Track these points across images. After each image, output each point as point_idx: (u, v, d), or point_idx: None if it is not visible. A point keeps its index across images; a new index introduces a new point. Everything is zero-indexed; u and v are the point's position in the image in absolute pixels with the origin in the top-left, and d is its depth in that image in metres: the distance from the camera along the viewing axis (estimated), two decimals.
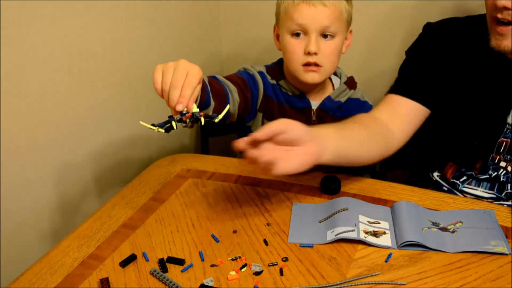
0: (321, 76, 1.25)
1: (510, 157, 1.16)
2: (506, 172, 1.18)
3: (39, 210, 1.20)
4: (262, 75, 1.32)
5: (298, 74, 1.25)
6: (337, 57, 1.27)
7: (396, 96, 1.22)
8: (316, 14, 1.20)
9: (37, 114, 1.15)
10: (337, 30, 1.22)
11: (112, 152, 1.40)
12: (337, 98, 1.32)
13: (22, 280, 0.92)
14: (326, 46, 1.22)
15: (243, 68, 1.34)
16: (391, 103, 1.22)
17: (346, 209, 1.04)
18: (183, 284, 0.90)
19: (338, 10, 1.21)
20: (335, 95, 1.32)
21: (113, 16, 1.32)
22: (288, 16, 1.23)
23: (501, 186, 1.19)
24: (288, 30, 1.23)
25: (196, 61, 1.80)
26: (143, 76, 1.47)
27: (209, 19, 1.77)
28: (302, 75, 1.25)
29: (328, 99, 1.32)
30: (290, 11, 1.22)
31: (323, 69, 1.24)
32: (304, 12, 1.20)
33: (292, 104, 1.32)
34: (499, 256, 0.93)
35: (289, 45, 1.24)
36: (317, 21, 1.20)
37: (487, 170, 1.19)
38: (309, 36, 1.21)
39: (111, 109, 1.37)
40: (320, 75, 1.25)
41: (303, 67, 1.24)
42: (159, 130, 0.80)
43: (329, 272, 0.91)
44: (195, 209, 1.10)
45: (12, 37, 1.05)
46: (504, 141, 1.15)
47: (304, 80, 1.25)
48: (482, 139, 1.18)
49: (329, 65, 1.25)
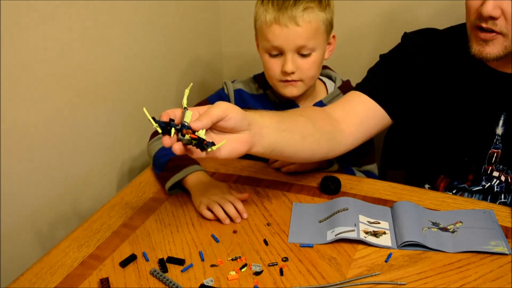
0: (300, 89, 1.24)
1: (503, 167, 1.15)
2: (499, 182, 1.16)
3: (39, 210, 1.20)
4: (239, 93, 1.32)
5: (277, 88, 1.25)
6: (318, 69, 1.24)
7: (356, 93, 1.16)
8: (290, 35, 1.16)
9: (37, 114, 1.15)
10: (315, 46, 1.19)
11: (112, 151, 1.40)
12: (329, 103, 1.29)
13: (22, 280, 0.92)
14: (304, 63, 1.20)
15: (223, 85, 1.34)
16: (349, 100, 1.16)
17: (346, 209, 1.04)
18: (183, 284, 0.90)
19: (314, 26, 1.17)
20: (327, 100, 1.30)
21: (113, 16, 1.32)
22: (263, 36, 1.21)
23: (493, 197, 1.18)
24: (265, 50, 1.22)
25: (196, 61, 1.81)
26: (143, 75, 1.47)
27: (209, 19, 1.76)
28: (281, 89, 1.24)
29: (319, 103, 1.30)
30: (264, 31, 1.19)
31: (302, 83, 1.23)
32: (277, 33, 1.17)
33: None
34: (499, 256, 0.93)
35: (267, 64, 1.23)
36: (291, 42, 1.17)
37: (480, 181, 1.17)
38: (286, 56, 1.19)
39: (111, 109, 1.37)
40: (298, 88, 1.23)
41: (281, 82, 1.23)
42: (156, 128, 0.79)
43: (329, 272, 0.91)
44: (195, 209, 1.10)
45: (12, 37, 1.05)
46: (495, 152, 1.14)
47: (283, 94, 1.25)
48: (472, 151, 1.15)
49: (308, 80, 1.23)
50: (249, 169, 1.24)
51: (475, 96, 1.13)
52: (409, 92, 1.16)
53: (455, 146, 1.17)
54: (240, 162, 1.27)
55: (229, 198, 1.09)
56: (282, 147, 0.96)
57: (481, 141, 1.14)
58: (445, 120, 1.16)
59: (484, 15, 0.99)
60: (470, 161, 1.16)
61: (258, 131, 0.90)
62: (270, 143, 0.93)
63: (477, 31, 1.04)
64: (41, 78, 1.14)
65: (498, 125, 1.12)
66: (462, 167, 1.18)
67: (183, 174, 1.13)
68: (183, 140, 0.79)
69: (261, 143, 0.91)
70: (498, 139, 1.13)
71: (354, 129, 1.12)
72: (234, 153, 0.86)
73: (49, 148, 1.20)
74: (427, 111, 1.17)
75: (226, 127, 0.84)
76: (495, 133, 1.13)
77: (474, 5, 1.03)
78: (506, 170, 1.15)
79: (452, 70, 1.14)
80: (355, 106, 1.14)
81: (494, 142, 1.13)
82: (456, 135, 1.16)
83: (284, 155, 0.99)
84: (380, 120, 1.16)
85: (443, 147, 1.18)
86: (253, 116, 0.89)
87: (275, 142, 0.94)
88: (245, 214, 1.06)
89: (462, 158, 1.17)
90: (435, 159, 1.21)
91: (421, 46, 1.17)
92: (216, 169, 1.24)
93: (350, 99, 1.16)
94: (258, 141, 0.90)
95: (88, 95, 1.28)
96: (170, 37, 1.56)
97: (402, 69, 1.17)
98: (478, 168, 1.16)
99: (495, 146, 1.13)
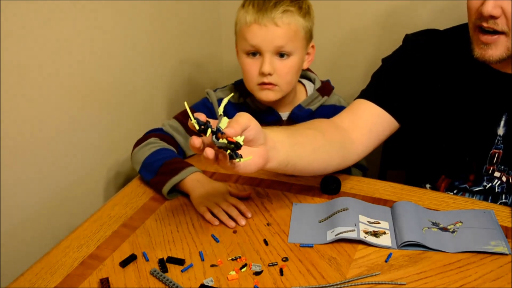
0: (277, 94, 1.23)
1: (504, 167, 1.15)
2: (501, 183, 1.16)
3: (39, 210, 1.20)
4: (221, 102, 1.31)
5: (254, 92, 1.25)
6: (295, 75, 1.24)
7: (363, 101, 1.16)
8: (269, 34, 1.17)
9: (37, 114, 1.15)
10: (293, 49, 1.20)
11: (112, 151, 1.40)
12: (308, 106, 1.29)
13: (22, 280, 0.93)
14: (282, 66, 1.20)
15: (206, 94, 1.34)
16: (356, 109, 1.15)
17: (346, 209, 1.04)
18: (183, 284, 0.90)
19: (293, 29, 1.18)
20: (306, 103, 1.30)
21: (113, 17, 1.32)
22: (242, 37, 1.22)
23: (494, 197, 1.18)
24: (243, 50, 1.22)
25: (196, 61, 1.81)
26: (143, 76, 1.47)
27: (208, 20, 1.76)
28: (258, 93, 1.24)
29: (298, 107, 1.29)
30: (243, 31, 1.21)
31: (279, 88, 1.22)
32: (256, 32, 1.18)
33: (262, 120, 1.29)
34: (499, 256, 0.93)
35: (244, 65, 1.24)
36: (270, 42, 1.18)
37: (481, 181, 1.17)
38: (263, 56, 1.19)
39: (112, 109, 1.37)
40: (275, 93, 1.23)
41: (258, 86, 1.23)
42: (194, 124, 0.78)
43: (329, 272, 0.91)
44: (195, 209, 1.10)
45: (11, 38, 1.05)
46: (496, 152, 1.13)
47: (259, 98, 1.25)
48: (474, 151, 1.15)
49: (285, 85, 1.23)
50: None
51: (476, 97, 1.12)
52: (414, 95, 1.16)
53: (457, 146, 1.16)
54: None
55: (230, 200, 1.09)
56: (295, 161, 0.97)
57: (482, 142, 1.14)
58: (447, 120, 1.16)
59: (485, 14, 0.99)
60: (471, 161, 1.16)
61: (273, 145, 0.91)
62: (284, 158, 0.94)
63: (478, 33, 1.04)
64: (40, 80, 1.14)
65: (500, 125, 1.12)
66: (463, 167, 1.17)
67: (180, 176, 1.13)
68: (217, 144, 0.78)
69: (276, 158, 0.92)
70: (500, 139, 1.13)
71: (364, 137, 1.12)
72: (252, 167, 0.87)
73: (49, 148, 1.20)
74: (430, 111, 1.17)
75: (247, 138, 0.84)
76: (496, 134, 1.13)
77: (475, 5, 1.03)
78: (507, 171, 1.15)
79: (453, 70, 1.14)
80: (362, 115, 1.14)
81: (496, 143, 1.13)
82: (458, 135, 1.16)
83: (297, 168, 0.99)
84: (388, 126, 1.16)
85: (444, 147, 1.18)
86: (266, 131, 0.90)
87: (288, 156, 0.95)
88: (249, 213, 1.06)
89: (463, 158, 1.16)
90: (436, 159, 1.21)
91: (423, 47, 1.17)
92: (216, 169, 1.24)
93: (357, 108, 1.16)
94: (273, 156, 0.91)
95: (87, 96, 1.28)
96: (170, 38, 1.56)
97: (405, 71, 1.16)
98: (479, 169, 1.16)
99: (496, 146, 1.13)
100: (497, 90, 1.11)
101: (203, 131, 0.79)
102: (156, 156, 1.19)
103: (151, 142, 1.23)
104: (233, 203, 1.08)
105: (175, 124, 1.29)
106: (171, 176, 1.13)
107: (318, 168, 1.06)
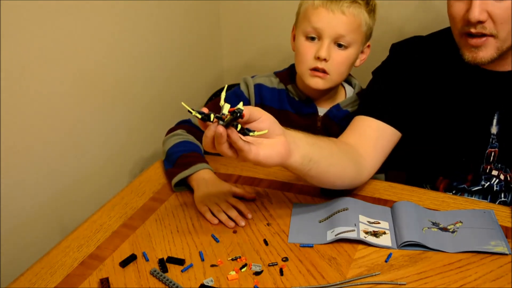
0: (326, 84, 1.23)
1: (501, 165, 1.15)
2: (499, 181, 1.16)
3: (39, 210, 1.20)
4: (259, 87, 1.32)
5: (304, 77, 1.25)
6: (348, 68, 1.25)
7: (362, 117, 1.16)
8: (333, 20, 1.18)
9: (37, 114, 1.15)
10: (352, 41, 1.21)
11: (112, 151, 1.40)
12: (345, 108, 1.30)
13: (22, 280, 0.93)
14: (337, 55, 1.21)
15: (241, 82, 1.34)
16: (358, 126, 1.15)
17: (346, 209, 1.04)
18: (183, 284, 0.90)
19: (357, 21, 1.20)
20: (344, 104, 1.30)
21: (113, 17, 1.32)
22: (305, 18, 1.22)
23: (493, 196, 1.18)
24: (304, 32, 1.22)
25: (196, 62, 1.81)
26: (142, 76, 1.47)
27: (208, 20, 1.76)
28: (307, 78, 1.24)
29: (336, 107, 1.30)
30: (308, 13, 1.21)
31: (330, 77, 1.22)
32: (322, 16, 1.19)
33: (298, 110, 1.31)
34: (499, 256, 0.93)
35: (301, 47, 1.23)
36: (332, 28, 1.19)
37: (479, 181, 1.18)
38: (323, 41, 1.20)
39: (112, 109, 1.37)
40: (325, 82, 1.23)
41: (310, 71, 1.23)
42: (196, 115, 0.80)
43: (329, 272, 0.91)
44: (195, 209, 1.10)
45: (12, 37, 1.06)
46: (492, 151, 1.14)
47: (308, 83, 1.24)
48: (470, 151, 1.16)
49: (336, 75, 1.23)
50: (249, 169, 1.24)
51: (467, 97, 1.13)
52: (409, 102, 1.16)
53: (452, 147, 1.17)
54: (240, 162, 1.27)
55: (231, 200, 1.09)
56: (317, 159, 0.96)
57: (477, 141, 1.14)
58: (441, 122, 1.17)
59: (472, 20, 1.00)
60: (468, 161, 1.17)
61: (292, 140, 0.91)
62: (306, 153, 0.93)
63: (466, 38, 1.04)
64: (42, 78, 1.14)
65: (493, 124, 1.13)
66: (461, 168, 1.18)
67: (190, 171, 1.15)
68: (222, 123, 0.81)
69: (298, 152, 0.92)
70: (494, 138, 1.13)
71: (371, 151, 1.12)
72: (274, 155, 0.87)
73: (49, 148, 1.20)
74: (425, 115, 1.18)
75: (261, 128, 0.84)
76: (490, 133, 1.13)
77: (459, 13, 1.04)
78: (504, 169, 1.15)
79: (443, 74, 1.15)
80: (364, 131, 1.14)
81: (491, 142, 1.14)
82: (453, 136, 1.16)
83: (320, 168, 0.97)
84: (391, 137, 1.16)
85: (440, 149, 1.19)
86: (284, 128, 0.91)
87: (309, 153, 0.94)
88: (249, 215, 1.07)
89: (460, 158, 1.17)
90: (433, 160, 1.22)
91: (410, 55, 1.19)
92: (216, 169, 1.24)
93: (358, 125, 1.16)
94: (295, 149, 0.91)
95: (89, 96, 1.29)
96: (170, 38, 1.57)
97: (396, 81, 1.18)
98: (477, 168, 1.16)
99: (492, 145, 1.14)
100: (487, 89, 1.12)
101: (206, 119, 0.81)
102: (178, 148, 1.21)
103: (178, 134, 1.25)
104: (234, 204, 1.08)
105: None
106: (181, 169, 1.15)
107: (336, 173, 1.03)
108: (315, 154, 0.95)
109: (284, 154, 0.88)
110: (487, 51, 1.04)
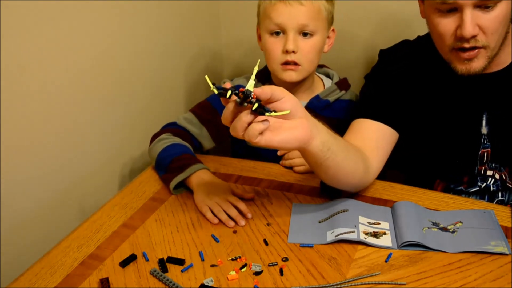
0: (299, 75, 1.25)
1: (495, 165, 1.16)
2: (495, 181, 1.17)
3: (39, 210, 1.20)
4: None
5: (277, 72, 1.26)
6: (317, 55, 1.26)
7: (359, 120, 1.16)
8: (293, 12, 1.20)
9: (37, 114, 1.15)
10: (316, 29, 1.23)
11: (112, 151, 1.40)
12: (325, 98, 1.32)
13: (22, 280, 0.93)
14: (305, 44, 1.23)
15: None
16: (358, 129, 1.16)
17: (346, 210, 1.04)
18: (183, 284, 0.90)
19: (316, 8, 1.22)
20: (324, 94, 1.32)
21: (113, 16, 1.32)
22: (266, 16, 1.24)
23: (491, 196, 1.18)
24: (267, 30, 1.25)
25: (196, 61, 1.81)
26: (142, 75, 1.47)
27: (208, 19, 1.76)
28: (280, 73, 1.25)
29: (316, 98, 1.31)
30: (267, 10, 1.23)
31: (302, 67, 1.24)
32: (281, 11, 1.21)
33: None
34: (499, 256, 0.93)
35: (268, 44, 1.25)
36: (294, 20, 1.20)
37: (476, 182, 1.18)
38: (287, 34, 1.22)
39: (112, 109, 1.37)
40: (298, 73, 1.25)
41: (281, 66, 1.25)
42: (213, 90, 0.81)
43: (329, 272, 0.91)
44: (195, 209, 1.10)
45: (12, 37, 1.05)
46: (484, 152, 1.14)
47: (282, 78, 1.26)
48: (463, 153, 1.16)
49: (308, 64, 1.25)
50: (249, 169, 1.24)
51: (455, 99, 1.14)
52: (402, 105, 1.17)
53: (445, 149, 1.18)
54: (240, 162, 1.27)
55: (231, 199, 1.09)
56: (335, 149, 0.96)
57: (469, 143, 1.15)
58: (432, 125, 1.18)
59: (467, 36, 1.00)
60: (462, 163, 1.17)
61: (314, 124, 0.91)
62: (326, 140, 0.93)
63: (458, 52, 1.05)
64: (42, 78, 1.14)
65: (482, 125, 1.14)
66: (456, 170, 1.19)
67: (186, 174, 1.15)
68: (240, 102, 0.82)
69: (320, 137, 0.91)
70: (486, 138, 1.14)
71: (374, 153, 1.12)
72: (292, 139, 0.86)
73: (49, 148, 1.20)
74: (416, 119, 1.18)
75: (284, 108, 0.84)
76: (481, 133, 1.14)
77: (448, 30, 1.03)
78: (499, 168, 1.16)
79: (430, 77, 1.16)
80: (364, 133, 1.15)
81: (482, 142, 1.14)
82: (444, 139, 1.17)
83: (336, 159, 0.96)
84: (391, 138, 1.17)
85: (434, 152, 1.20)
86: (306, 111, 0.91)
87: (329, 141, 0.94)
88: (249, 214, 1.07)
89: (453, 161, 1.18)
90: (429, 164, 1.23)
91: (399, 59, 1.20)
92: (216, 169, 1.24)
93: (357, 128, 1.16)
94: (317, 134, 0.90)
95: (89, 96, 1.28)
96: (170, 37, 1.56)
97: (385, 85, 1.19)
98: (472, 170, 1.17)
99: (484, 145, 1.14)
100: (474, 91, 1.12)
101: (222, 94, 0.82)
102: (166, 153, 1.21)
103: (163, 138, 1.25)
104: (234, 203, 1.08)
105: (189, 116, 1.32)
106: (177, 173, 1.15)
107: (348, 169, 1.02)
108: (333, 144, 0.95)
109: (305, 138, 0.88)
110: (480, 61, 1.04)
